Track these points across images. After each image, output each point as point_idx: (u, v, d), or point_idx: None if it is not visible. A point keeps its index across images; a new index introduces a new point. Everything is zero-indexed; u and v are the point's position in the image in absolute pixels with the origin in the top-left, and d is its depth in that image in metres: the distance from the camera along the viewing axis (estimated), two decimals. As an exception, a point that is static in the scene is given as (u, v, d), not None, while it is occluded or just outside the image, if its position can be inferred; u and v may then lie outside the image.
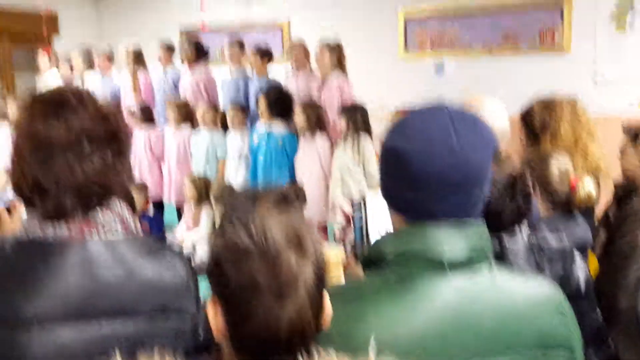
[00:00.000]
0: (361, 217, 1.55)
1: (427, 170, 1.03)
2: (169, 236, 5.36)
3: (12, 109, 6.37)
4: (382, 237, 1.12)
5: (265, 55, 5.41)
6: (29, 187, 1.14)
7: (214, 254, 0.93)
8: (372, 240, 1.52)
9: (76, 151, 1.14)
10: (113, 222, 1.20)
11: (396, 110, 6.90)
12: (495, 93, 6.51)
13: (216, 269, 0.92)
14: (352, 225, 2.02)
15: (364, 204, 1.53)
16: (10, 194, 4.86)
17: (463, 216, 1.06)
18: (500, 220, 1.40)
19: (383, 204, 1.34)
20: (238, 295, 0.87)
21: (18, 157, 1.16)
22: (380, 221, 1.58)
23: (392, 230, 1.14)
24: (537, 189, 1.65)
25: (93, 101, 1.21)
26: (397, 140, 1.08)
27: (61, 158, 1.12)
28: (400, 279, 1.03)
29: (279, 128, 4.99)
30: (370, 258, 1.10)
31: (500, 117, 1.84)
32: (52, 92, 1.23)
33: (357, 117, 4.62)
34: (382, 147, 1.13)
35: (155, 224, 5.39)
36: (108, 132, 1.19)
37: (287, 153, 4.99)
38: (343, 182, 4.66)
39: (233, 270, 0.88)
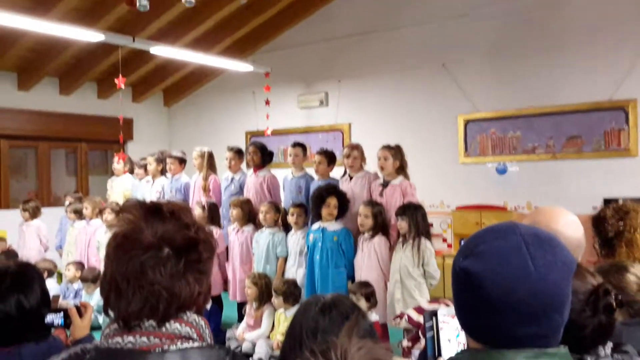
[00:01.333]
0: (432, 326, 1.50)
1: (502, 296, 0.99)
2: (228, 333, 5.34)
3: (88, 208, 6.73)
4: (457, 357, 1.08)
5: (330, 158, 5.55)
6: (107, 282, 1.19)
7: None
8: (444, 353, 1.47)
9: (152, 255, 1.19)
10: (189, 332, 1.21)
11: (457, 207, 6.88)
12: (559, 197, 6.47)
13: None
14: (420, 335, 1.97)
15: (435, 314, 1.49)
16: (77, 286, 5.02)
17: (544, 343, 1.01)
18: (582, 338, 1.32)
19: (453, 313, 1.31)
20: None
21: (106, 257, 1.22)
22: (451, 332, 1.52)
23: (467, 348, 1.11)
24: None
25: (183, 212, 1.27)
26: (468, 262, 1.05)
27: (136, 259, 1.18)
28: None
29: (333, 225, 5.03)
30: None
31: (574, 228, 1.79)
32: (151, 202, 1.30)
33: (417, 217, 4.62)
34: (453, 268, 1.10)
35: (213, 319, 5.41)
36: (187, 240, 1.23)
37: (343, 250, 4.99)
38: (402, 284, 4.59)
39: None
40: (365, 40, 7.81)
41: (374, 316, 4.53)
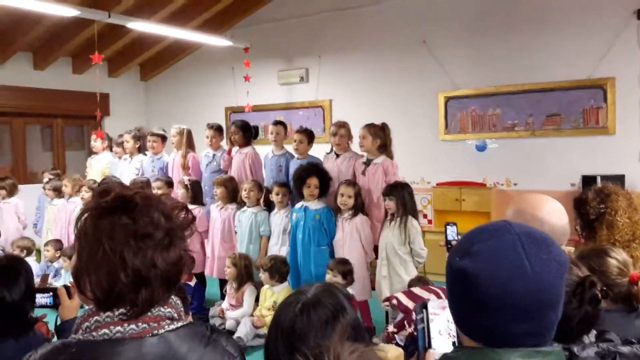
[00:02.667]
0: (422, 319, 1.52)
1: (499, 295, 1.01)
2: (211, 311, 5.36)
3: (67, 186, 6.64)
4: (453, 355, 1.10)
5: (310, 136, 5.53)
6: (127, 276, 1.17)
7: None
8: (435, 344, 1.49)
9: (155, 241, 1.21)
10: (171, 313, 1.24)
11: (437, 183, 6.94)
12: (538, 174, 6.57)
13: None
14: (405, 323, 1.99)
15: (426, 306, 1.51)
16: (57, 264, 4.98)
17: (538, 341, 1.03)
18: (569, 329, 1.36)
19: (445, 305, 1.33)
20: None
21: (120, 253, 1.20)
22: (442, 324, 1.55)
23: (461, 345, 1.12)
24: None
25: (157, 200, 1.29)
26: (465, 261, 1.07)
27: (151, 249, 1.19)
28: None
29: (315, 204, 5.05)
30: None
31: (559, 216, 1.82)
32: (122, 194, 1.27)
33: (405, 196, 4.65)
34: (449, 267, 1.11)
35: (196, 296, 5.42)
36: (173, 226, 1.26)
37: (325, 229, 5.02)
38: (388, 261, 4.65)
39: None
40: (345, 15, 7.72)
41: (350, 293, 4.59)
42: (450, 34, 6.99)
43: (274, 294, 4.97)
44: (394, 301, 1.95)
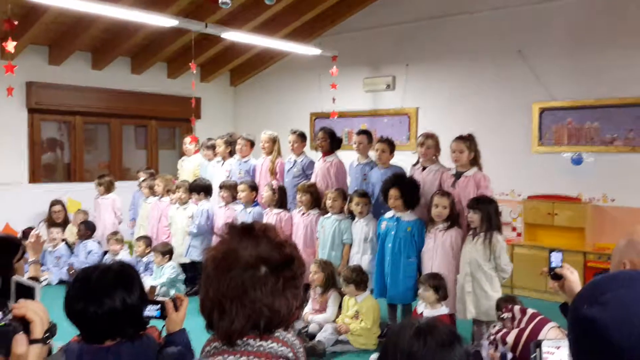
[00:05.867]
0: (535, 357, 1.47)
1: (633, 348, 0.94)
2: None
3: (160, 185, 6.96)
4: None
5: (391, 146, 5.49)
6: (210, 301, 1.20)
7: None
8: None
9: (251, 274, 1.22)
10: (285, 352, 1.23)
11: (528, 196, 6.69)
12: (637, 190, 6.19)
13: None
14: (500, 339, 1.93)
15: (540, 345, 1.46)
16: (146, 259, 5.24)
17: None
18: None
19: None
20: None
21: (207, 277, 1.25)
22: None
23: None
24: None
25: (273, 231, 1.30)
26: (594, 310, 0.99)
27: (238, 278, 1.21)
28: None
29: (407, 216, 5.00)
30: None
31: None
32: (243, 224, 1.34)
33: (490, 211, 4.53)
34: (573, 315, 1.04)
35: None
36: (283, 258, 1.26)
37: (416, 241, 4.96)
38: (473, 277, 4.54)
39: None
40: (435, 24, 7.61)
41: (443, 309, 4.51)
42: (547, 44, 6.72)
43: (357, 303, 4.97)
44: (509, 314, 1.90)
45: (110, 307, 1.84)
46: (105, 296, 1.85)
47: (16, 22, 5.57)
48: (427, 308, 4.53)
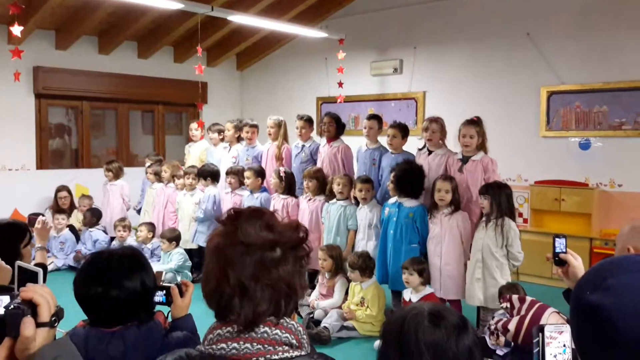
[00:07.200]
0: (538, 342, 1.47)
1: (636, 335, 0.92)
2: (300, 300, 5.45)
3: (167, 171, 6.97)
4: None
5: (403, 131, 5.44)
6: (231, 287, 1.20)
7: None
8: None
9: (270, 255, 1.22)
10: (289, 338, 1.22)
11: (535, 182, 6.66)
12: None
13: None
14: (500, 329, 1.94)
15: (542, 329, 1.45)
16: (150, 246, 5.26)
17: None
18: None
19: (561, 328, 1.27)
20: None
21: (227, 264, 1.23)
22: (557, 348, 1.49)
23: None
24: None
25: (275, 215, 1.31)
26: (596, 296, 0.97)
27: (260, 260, 1.21)
28: None
29: (409, 202, 4.98)
30: None
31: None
32: (251, 208, 1.34)
33: (501, 197, 4.49)
34: (576, 302, 1.02)
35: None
36: (297, 239, 1.27)
37: (418, 227, 4.95)
38: (484, 264, 4.52)
39: None
40: (443, 6, 7.53)
41: (428, 289, 4.66)
42: (556, 27, 6.64)
43: (362, 290, 4.97)
44: (507, 304, 1.89)
45: (132, 289, 1.85)
46: (125, 279, 1.86)
47: (23, 7, 5.56)
48: (412, 294, 4.64)
